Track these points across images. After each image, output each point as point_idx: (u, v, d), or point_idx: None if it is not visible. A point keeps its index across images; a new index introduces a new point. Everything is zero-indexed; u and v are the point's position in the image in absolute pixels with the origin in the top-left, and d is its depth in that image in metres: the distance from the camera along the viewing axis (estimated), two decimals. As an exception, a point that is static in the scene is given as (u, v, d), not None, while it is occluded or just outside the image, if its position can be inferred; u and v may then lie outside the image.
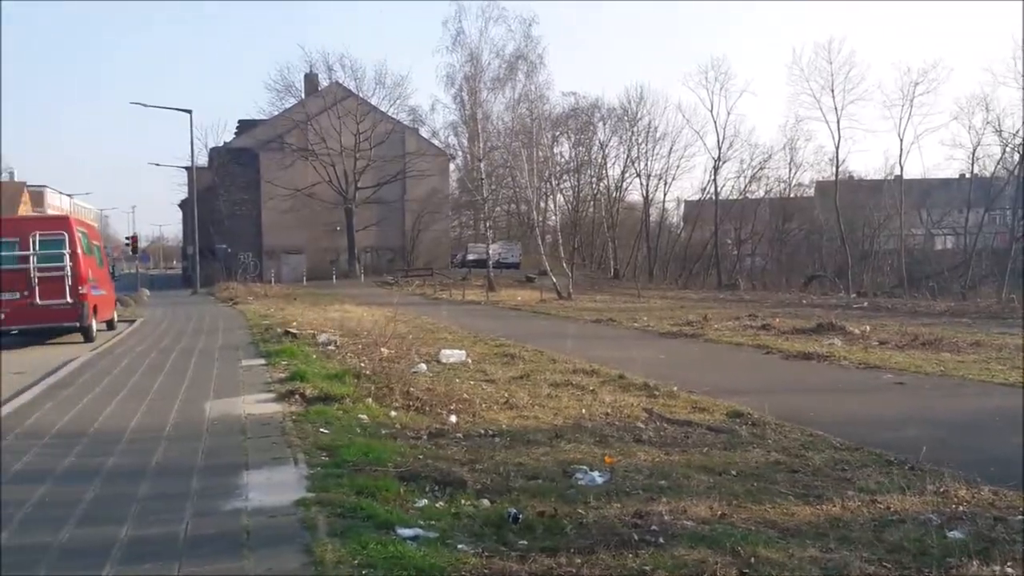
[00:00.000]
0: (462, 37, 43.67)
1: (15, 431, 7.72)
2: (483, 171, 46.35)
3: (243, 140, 58.89)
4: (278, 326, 18.66)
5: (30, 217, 30.72)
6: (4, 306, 16.11)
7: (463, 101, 50.30)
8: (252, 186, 56.69)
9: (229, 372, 11.82)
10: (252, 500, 5.28)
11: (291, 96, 58.51)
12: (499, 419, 8.38)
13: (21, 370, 13.19)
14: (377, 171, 56.10)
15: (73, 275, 16.50)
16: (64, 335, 17.72)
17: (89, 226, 21.27)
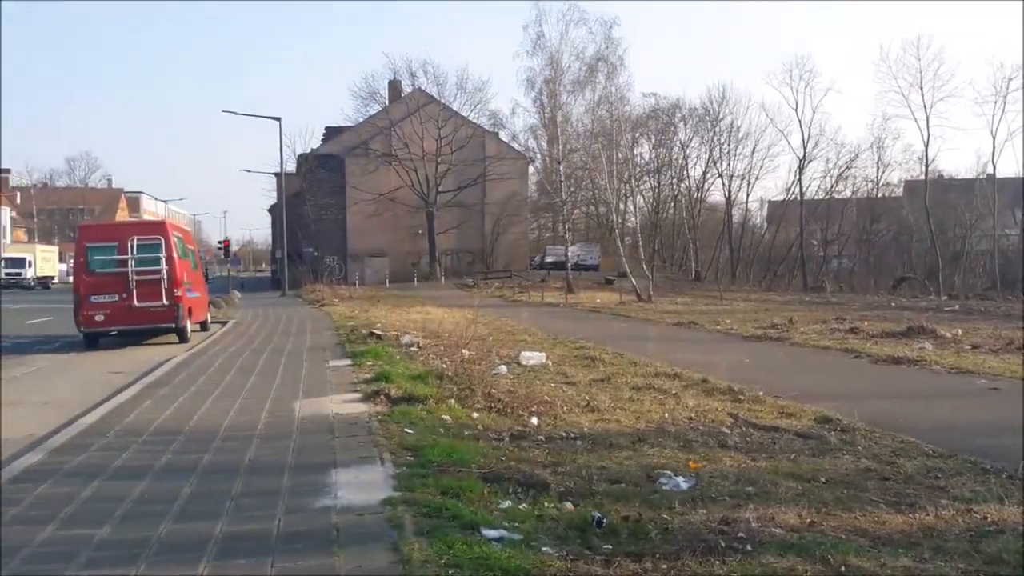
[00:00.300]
0: (542, 41, 43.79)
1: (115, 428, 8.07)
2: (562, 173, 46.34)
3: (329, 146, 60.30)
4: (363, 327, 19.02)
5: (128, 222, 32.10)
6: (104, 308, 16.84)
7: (543, 104, 50.46)
8: (338, 191, 57.99)
9: (317, 372, 12.13)
10: (341, 498, 5.41)
11: (376, 103, 59.67)
12: (580, 422, 8.38)
13: (120, 370, 13.79)
14: (457, 175, 56.68)
15: (169, 278, 17.10)
16: (160, 336, 18.41)
17: (184, 231, 22.07)
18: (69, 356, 16.37)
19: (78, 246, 17.87)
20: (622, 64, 42.79)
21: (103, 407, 9.39)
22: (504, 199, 58.02)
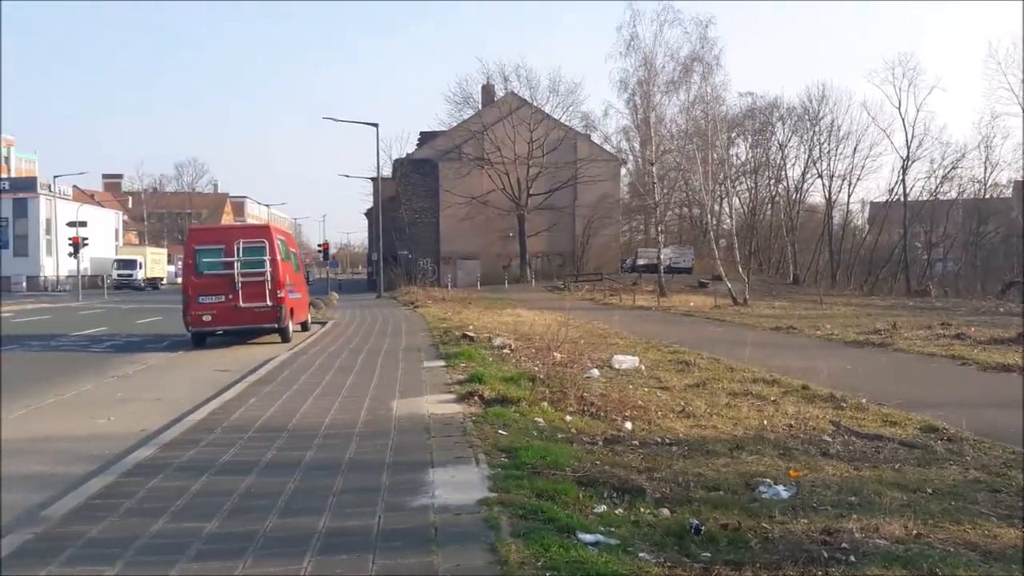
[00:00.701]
0: (636, 42, 43.43)
1: (222, 425, 8.38)
2: (655, 175, 45.86)
3: (424, 151, 61.32)
4: (456, 329, 19.26)
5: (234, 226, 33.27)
6: (211, 308, 17.52)
7: (636, 105, 50.00)
8: (431, 195, 58.94)
9: (412, 372, 12.33)
10: (438, 497, 5.49)
11: (469, 107, 60.38)
12: (676, 427, 8.28)
13: (226, 368, 14.32)
14: (549, 177, 56.78)
15: (272, 280, 17.67)
16: (263, 335, 19.04)
17: (287, 234, 22.76)
18: (178, 354, 17.09)
19: (187, 249, 18.63)
20: (718, 64, 42.13)
21: (211, 404, 9.76)
22: (595, 201, 57.81)
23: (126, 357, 16.64)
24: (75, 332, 23.11)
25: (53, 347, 18.98)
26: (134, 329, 24.33)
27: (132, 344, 19.69)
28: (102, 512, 5.31)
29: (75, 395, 11.52)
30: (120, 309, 36.57)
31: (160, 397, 11.17)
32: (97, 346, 19.27)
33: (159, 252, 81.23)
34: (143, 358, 16.40)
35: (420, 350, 15.73)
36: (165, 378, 13.41)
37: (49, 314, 33.11)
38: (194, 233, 19.75)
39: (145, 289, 67.05)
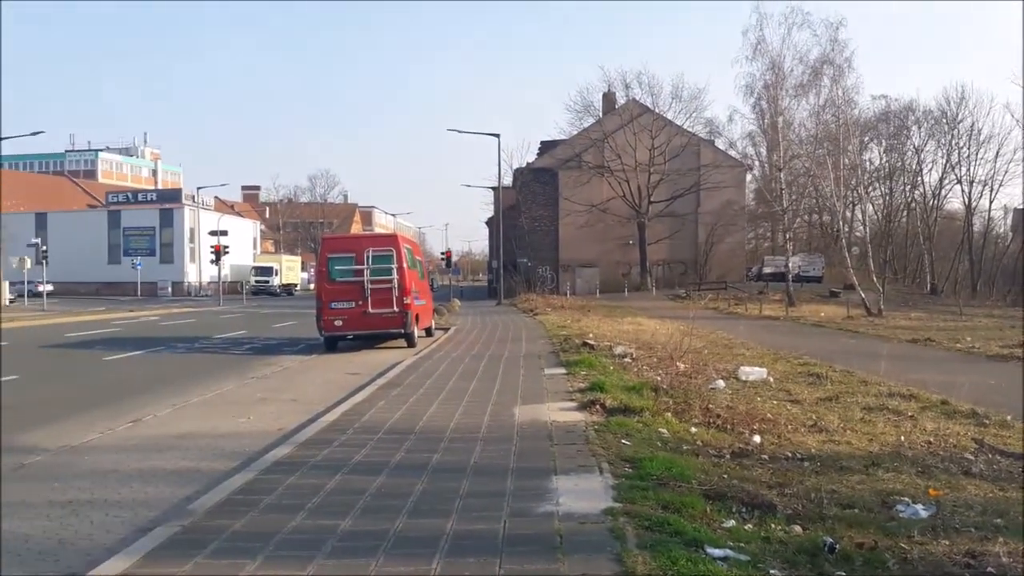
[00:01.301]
0: (763, 45, 42.32)
1: (354, 426, 8.67)
2: (783, 181, 44.58)
3: (544, 160, 61.71)
4: (575, 337, 19.26)
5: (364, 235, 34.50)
6: (343, 314, 18.17)
7: (762, 110, 48.76)
8: (551, 203, 59.19)
9: (533, 379, 12.42)
10: (563, 505, 5.50)
11: (589, 115, 60.38)
12: (807, 442, 8.03)
13: (356, 371, 14.82)
14: (671, 184, 56.08)
15: (399, 287, 18.18)
16: (390, 340, 19.58)
17: (413, 243, 23.37)
18: (311, 357, 17.80)
19: (321, 257, 19.40)
20: (849, 66, 40.44)
21: (343, 405, 10.13)
22: (719, 208, 56.68)
23: (264, 359, 17.46)
24: (217, 335, 24.40)
25: (197, 349, 20.10)
26: (271, 333, 25.47)
27: (269, 347, 20.65)
28: (244, 507, 5.58)
29: (217, 394, 12.18)
30: (258, 314, 38.36)
31: (296, 398, 11.67)
32: (237, 349, 20.31)
33: (293, 260, 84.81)
34: (279, 360, 17.17)
35: (540, 357, 15.82)
36: (300, 380, 13.98)
37: (193, 318, 35.06)
38: (327, 242, 20.52)
39: (280, 295, 70.14)
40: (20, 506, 6.08)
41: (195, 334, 24.59)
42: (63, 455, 7.99)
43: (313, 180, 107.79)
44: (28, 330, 26.83)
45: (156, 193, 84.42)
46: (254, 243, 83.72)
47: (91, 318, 33.82)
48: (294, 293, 75.12)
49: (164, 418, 10.11)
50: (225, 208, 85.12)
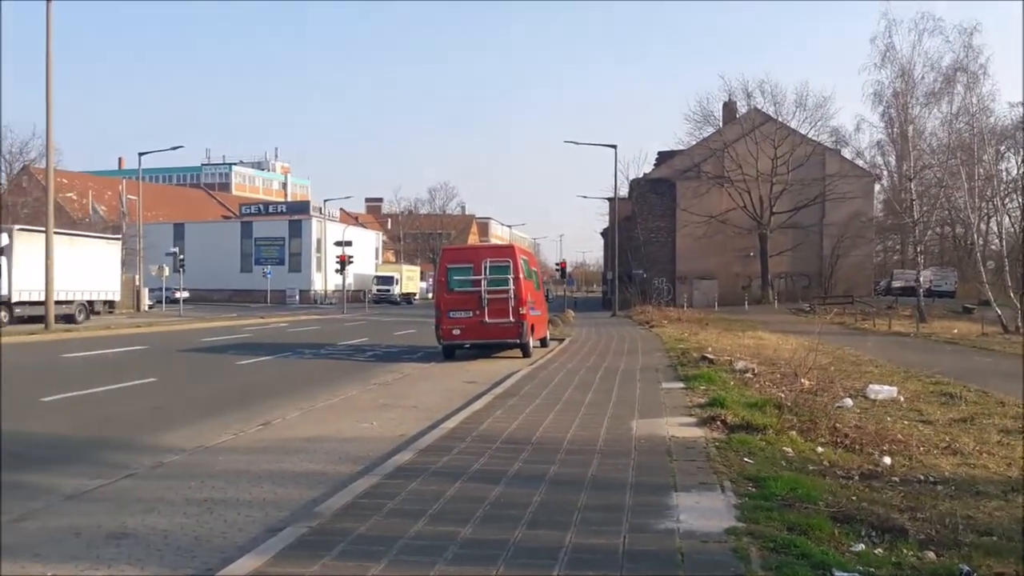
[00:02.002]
0: (892, 52, 40.60)
1: (472, 434, 8.79)
2: (913, 191, 42.55)
3: (661, 170, 61.07)
4: (694, 350, 18.93)
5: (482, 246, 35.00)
6: (460, 323, 18.47)
7: (891, 118, 46.80)
8: (668, 214, 58.44)
9: (651, 393, 12.28)
10: (683, 522, 5.41)
11: (709, 125, 59.37)
12: (940, 465, 7.64)
13: (473, 380, 15.02)
14: (794, 195, 54.46)
15: (515, 297, 18.34)
16: (506, 350, 19.75)
17: (529, 253, 23.52)
18: (430, 365, 18.16)
19: (440, 267, 19.79)
20: (984, 73, 38.30)
21: (461, 413, 10.28)
22: (845, 219, 54.60)
23: (385, 366, 17.93)
24: (341, 342, 25.23)
25: (323, 355, 20.83)
26: (392, 340, 26.15)
27: (390, 354, 21.20)
28: (368, 511, 5.74)
29: (342, 400, 12.57)
30: (379, 322, 39.44)
31: (416, 404, 11.93)
32: (360, 355, 20.94)
33: (413, 269, 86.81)
34: (400, 367, 17.59)
35: (657, 371, 15.62)
36: (420, 387, 14.28)
37: (318, 325, 36.36)
38: (446, 253, 20.90)
39: (400, 303, 71.99)
40: (159, 503, 6.42)
41: (321, 341, 25.48)
42: (199, 455, 8.41)
43: (433, 192, 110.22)
44: (166, 335, 28.43)
45: (286, 205, 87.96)
46: (376, 253, 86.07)
47: (224, 324, 35.54)
48: (413, 302, 76.89)
49: (292, 421, 10.51)
50: (349, 220, 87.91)
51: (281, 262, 71.39)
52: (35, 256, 29.52)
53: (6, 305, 30.09)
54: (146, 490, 6.86)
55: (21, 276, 30.34)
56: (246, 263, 72.74)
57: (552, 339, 24.42)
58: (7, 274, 30.04)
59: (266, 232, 73.71)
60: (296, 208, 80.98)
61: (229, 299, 67.53)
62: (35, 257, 29.47)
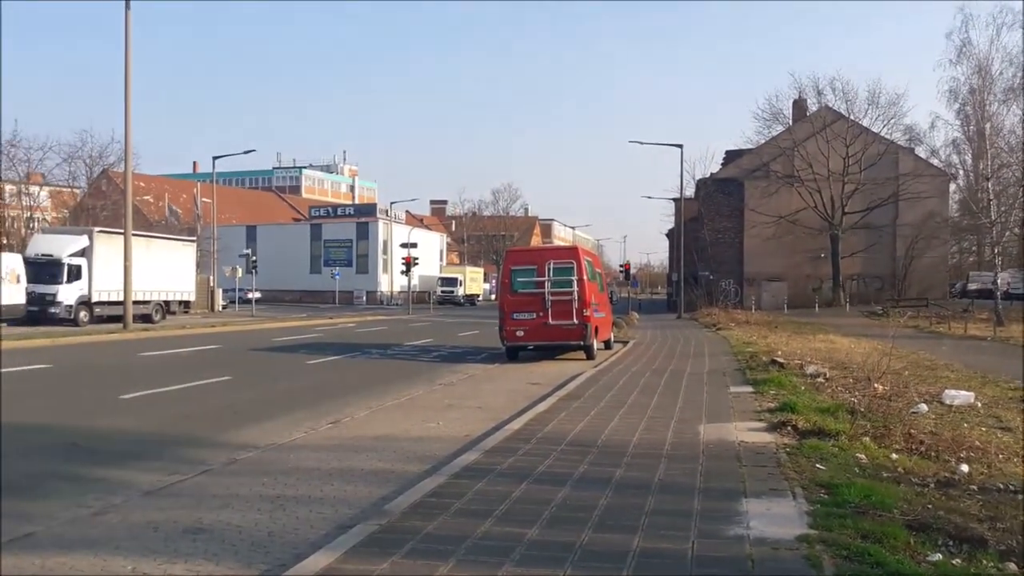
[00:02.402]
0: (968, 48, 39.47)
1: (537, 435, 8.80)
2: (991, 191, 41.15)
3: (729, 170, 60.24)
4: (762, 354, 18.62)
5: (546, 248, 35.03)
6: (524, 325, 18.50)
7: (967, 116, 45.38)
8: (735, 214, 57.64)
9: (718, 397, 12.12)
10: (753, 529, 5.34)
11: (778, 124, 58.29)
12: (1020, 473, 7.37)
13: (537, 381, 15.04)
14: (866, 195, 53.17)
15: (579, 299, 18.30)
16: (569, 352, 19.72)
17: (593, 255, 23.45)
18: (494, 366, 18.25)
19: (504, 269, 19.86)
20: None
21: (526, 415, 10.31)
22: (920, 220, 53.10)
23: (450, 367, 18.09)
24: (407, 342, 25.54)
25: (389, 355, 21.11)
26: (456, 341, 26.36)
27: (455, 355, 21.37)
28: (436, 510, 5.80)
29: (409, 399, 12.73)
30: (444, 323, 39.78)
31: (480, 405, 12.00)
32: (426, 356, 21.16)
33: (477, 271, 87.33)
34: (464, 368, 17.72)
35: (725, 374, 15.42)
36: (484, 387, 14.36)
37: (385, 325, 36.85)
38: (510, 255, 20.98)
39: (464, 305, 72.53)
40: (233, 499, 6.59)
41: (387, 341, 25.82)
42: (271, 452, 8.60)
43: (496, 194, 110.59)
44: (239, 335, 29.15)
45: (353, 208, 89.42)
46: (440, 255, 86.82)
47: (295, 324, 36.29)
48: (477, 303, 77.37)
49: (361, 420, 10.68)
50: (415, 222, 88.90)
51: (349, 263, 72.57)
52: (114, 257, 30.59)
53: (87, 305, 31.25)
54: (221, 486, 7.05)
55: (100, 277, 31.48)
56: (315, 264, 74.16)
57: (616, 341, 24.29)
58: (88, 275, 31.19)
59: (334, 234, 75.05)
60: (363, 211, 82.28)
61: (299, 300, 68.93)
62: (114, 258, 30.53)
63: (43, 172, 48.56)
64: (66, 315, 30.34)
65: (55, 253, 30.90)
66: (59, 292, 30.22)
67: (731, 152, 63.22)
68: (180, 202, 68.96)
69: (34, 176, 48.01)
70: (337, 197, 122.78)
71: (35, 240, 34.01)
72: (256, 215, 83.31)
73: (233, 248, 54.28)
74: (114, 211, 46.34)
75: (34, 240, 34.24)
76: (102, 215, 47.35)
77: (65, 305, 30.41)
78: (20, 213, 48.26)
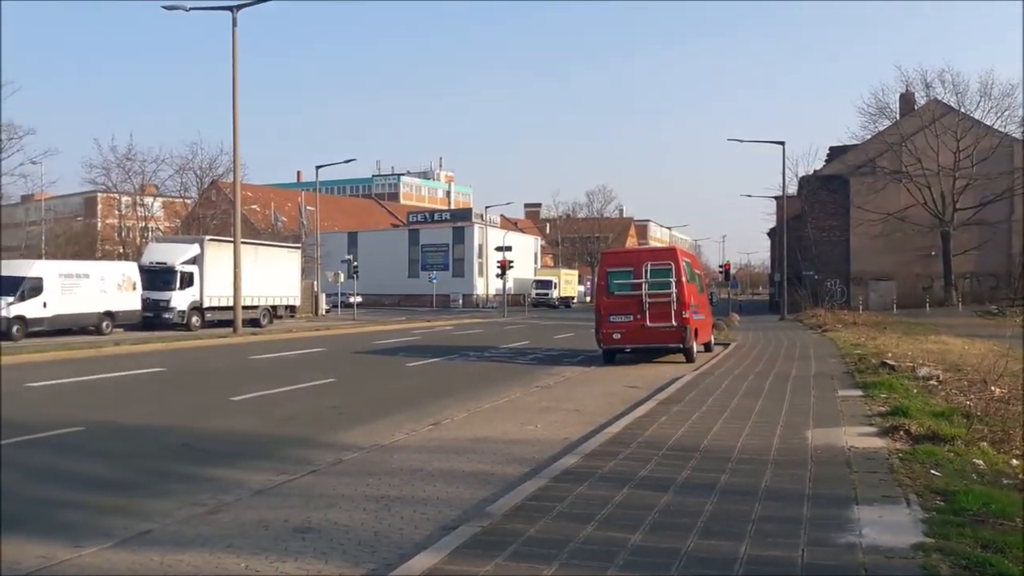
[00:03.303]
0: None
1: (637, 440, 8.72)
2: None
3: (833, 167, 58.36)
4: (871, 356, 17.97)
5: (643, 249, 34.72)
6: (621, 327, 18.35)
7: (1090, 103, 42.68)
8: (840, 212, 55.82)
9: (826, 401, 11.75)
10: (866, 536, 5.16)
11: (885, 118, 56.09)
12: None
13: (635, 384, 14.90)
14: (979, 190, 50.66)
15: (678, 301, 18.02)
16: (668, 355, 19.46)
17: (691, 256, 23.10)
18: (590, 369, 18.17)
19: (600, 271, 19.75)
20: None
21: (624, 419, 10.22)
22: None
23: (546, 369, 18.12)
24: (503, 345, 25.70)
25: (486, 358, 21.29)
26: (551, 344, 26.36)
27: (551, 357, 21.39)
28: (537, 513, 5.81)
29: (507, 402, 12.81)
30: (539, 325, 39.86)
31: (578, 408, 11.97)
32: (522, 358, 21.25)
33: (571, 273, 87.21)
34: (560, 371, 17.71)
35: (832, 377, 14.94)
36: (581, 391, 14.31)
37: (481, 328, 37.17)
38: (606, 257, 20.84)
39: (559, 307, 72.54)
40: (340, 499, 6.75)
41: (484, 344, 26.04)
42: (375, 453, 8.79)
43: (591, 196, 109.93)
44: (342, 338, 29.91)
45: (450, 213, 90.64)
46: (535, 258, 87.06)
47: (394, 327, 37.00)
48: (571, 306, 77.25)
49: (460, 422, 10.80)
50: (509, 225, 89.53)
51: (445, 267, 73.60)
52: (223, 264, 31.85)
53: (198, 310, 32.63)
54: (328, 486, 7.24)
55: (211, 283, 32.83)
56: (413, 269, 75.52)
57: (717, 343, 23.79)
58: (199, 281, 32.57)
59: (431, 239, 76.24)
60: (459, 215, 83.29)
61: (398, 303, 70.27)
62: (223, 265, 31.78)
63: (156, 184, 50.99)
64: (179, 320, 31.72)
65: (168, 261, 32.37)
66: (172, 298, 31.62)
67: (835, 148, 61.22)
68: (285, 210, 71.27)
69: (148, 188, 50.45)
70: (434, 203, 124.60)
71: (150, 249, 35.73)
72: (357, 222, 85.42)
73: (335, 254, 55.74)
74: (223, 220, 48.29)
75: (149, 249, 35.98)
76: (212, 224, 49.38)
77: (178, 311, 31.79)
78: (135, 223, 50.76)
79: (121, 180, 47.61)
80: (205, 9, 29.57)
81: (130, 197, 49.69)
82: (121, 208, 51.14)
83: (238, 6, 28.68)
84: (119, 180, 47.53)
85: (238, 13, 28.73)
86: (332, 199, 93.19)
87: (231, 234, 31.70)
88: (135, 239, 48.41)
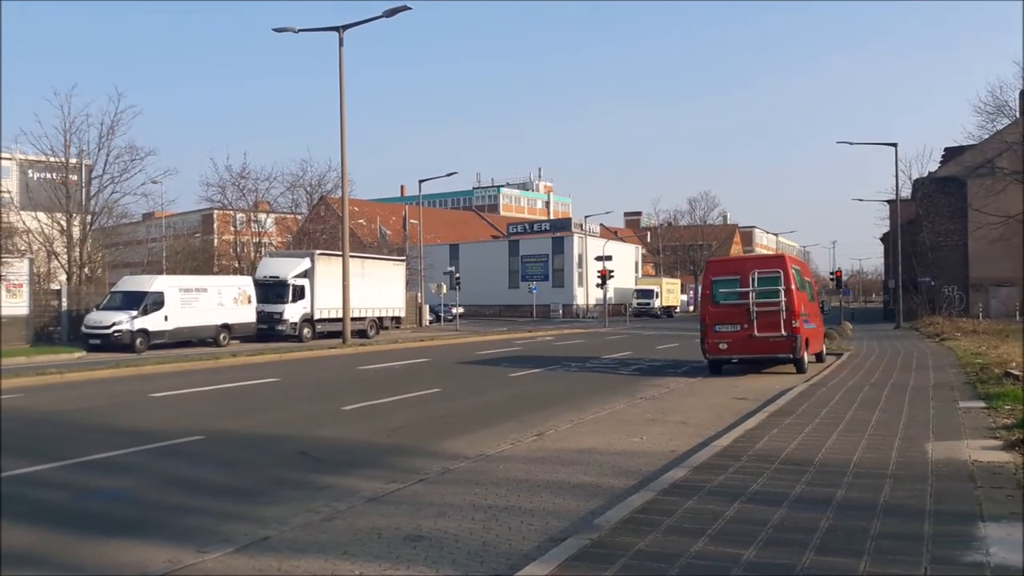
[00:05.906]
0: None
1: (747, 453, 8.53)
2: None
3: (948, 168, 55.81)
4: (994, 366, 17.10)
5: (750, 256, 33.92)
6: (727, 337, 17.99)
7: None
8: (958, 215, 53.29)
9: (946, 413, 11.23)
10: (994, 555, 4.91)
11: (1003, 116, 53.22)
12: None
13: (743, 396, 14.58)
14: (1108, 189, 47.43)
15: (787, 310, 17.52)
16: (777, 365, 18.96)
17: (801, 263, 22.46)
18: (696, 380, 17.86)
19: (705, 280, 19.40)
20: None
21: (733, 431, 10.02)
22: None
23: (649, 380, 17.91)
24: (605, 355, 25.56)
25: (588, 368, 21.22)
26: (654, 355, 26.05)
27: (654, 368, 21.15)
28: (646, 527, 5.75)
29: (610, 413, 12.72)
30: (641, 335, 39.47)
31: (684, 420, 11.79)
32: (624, 369, 21.08)
33: (673, 282, 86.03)
34: (665, 382, 17.48)
35: (953, 388, 14.26)
36: (687, 402, 14.09)
37: (582, 338, 37.06)
38: (711, 265, 20.47)
39: (660, 317, 71.66)
40: (449, 508, 6.85)
41: (585, 354, 25.96)
42: (481, 462, 8.88)
43: (693, 203, 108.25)
44: (446, 348, 30.34)
45: (549, 223, 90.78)
46: (636, 267, 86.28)
47: (496, 337, 37.28)
48: (674, 315, 76.17)
49: (564, 432, 10.79)
50: (609, 234, 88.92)
51: (545, 278, 73.70)
52: (333, 277, 32.85)
53: (309, 322, 33.71)
54: (436, 495, 7.36)
55: (321, 296, 33.89)
56: (513, 279, 75.94)
57: (829, 354, 23.04)
58: (310, 294, 33.66)
59: (531, 250, 76.52)
60: (558, 226, 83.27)
61: (498, 314, 70.81)
62: (333, 278, 32.78)
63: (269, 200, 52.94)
64: (291, 332, 32.85)
65: (281, 275, 33.58)
66: (285, 311, 32.78)
67: (950, 149, 58.52)
68: (390, 224, 72.94)
69: (261, 204, 52.40)
70: (533, 213, 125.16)
71: (263, 263, 37.13)
72: (458, 234, 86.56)
73: (438, 266, 56.62)
74: (332, 234, 49.69)
75: (262, 263, 37.39)
76: (321, 238, 50.88)
77: (290, 323, 32.93)
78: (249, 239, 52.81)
79: (236, 198, 49.61)
80: (313, 30, 30.71)
81: (244, 214, 51.72)
82: (236, 224, 53.29)
83: (344, 27, 29.65)
84: (234, 198, 49.54)
85: (344, 33, 29.71)
86: (434, 212, 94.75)
87: (339, 248, 32.58)
88: (249, 254, 50.28)
